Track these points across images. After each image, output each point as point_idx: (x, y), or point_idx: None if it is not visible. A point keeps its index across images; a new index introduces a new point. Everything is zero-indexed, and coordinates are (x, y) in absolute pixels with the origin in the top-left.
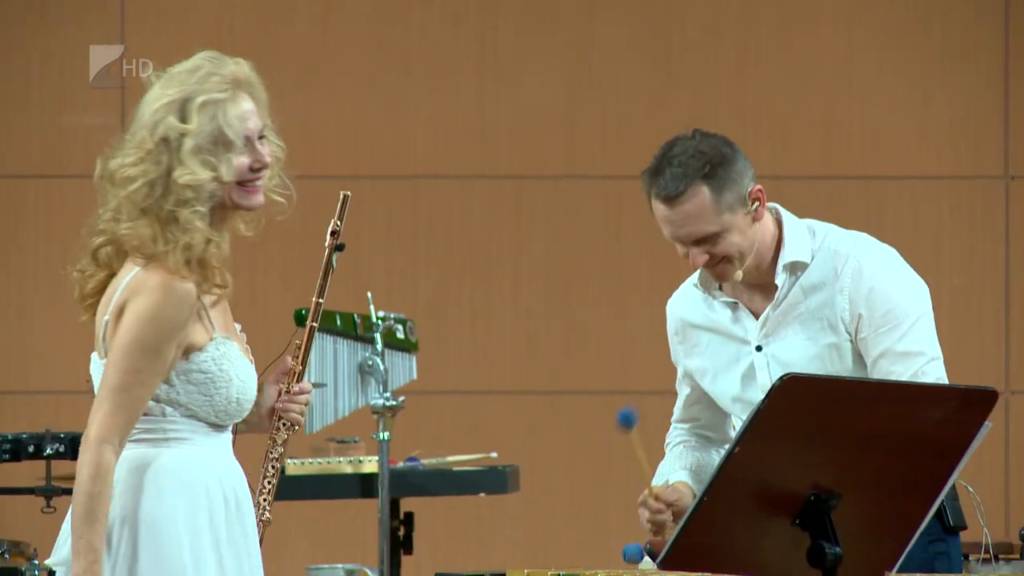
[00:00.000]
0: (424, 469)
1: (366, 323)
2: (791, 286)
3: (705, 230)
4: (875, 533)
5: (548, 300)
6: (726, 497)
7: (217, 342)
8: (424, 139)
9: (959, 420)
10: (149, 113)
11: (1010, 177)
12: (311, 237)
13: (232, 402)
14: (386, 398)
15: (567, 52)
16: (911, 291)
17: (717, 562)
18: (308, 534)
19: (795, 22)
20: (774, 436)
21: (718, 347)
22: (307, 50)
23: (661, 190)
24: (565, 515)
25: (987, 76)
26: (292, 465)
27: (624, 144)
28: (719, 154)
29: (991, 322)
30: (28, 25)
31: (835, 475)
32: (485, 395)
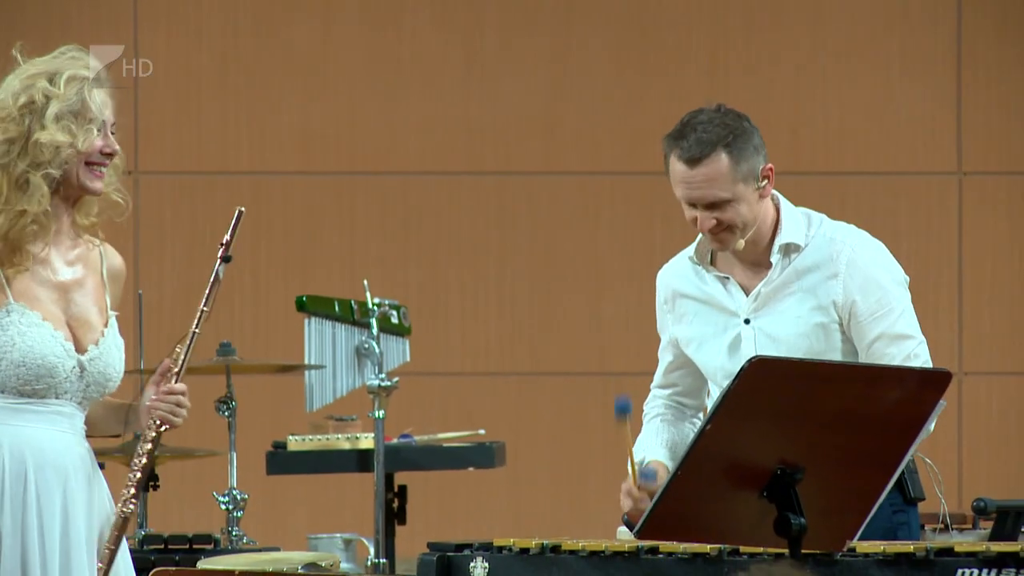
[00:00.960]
0: (416, 445)
1: (362, 309)
2: (785, 267)
3: (719, 195)
4: (837, 505)
5: (530, 288)
6: (699, 471)
7: (9, 308)
8: (414, 138)
9: (916, 399)
10: (17, 83)
11: (962, 173)
12: (311, 230)
13: (20, 366)
14: (381, 379)
15: (547, 57)
16: (899, 281)
17: (690, 531)
18: (308, 506)
19: (762, 28)
20: (743, 415)
21: (706, 317)
22: (307, 56)
23: (684, 152)
24: (548, 488)
25: (941, 79)
26: (293, 441)
27: (600, 143)
28: (740, 127)
29: (945, 309)
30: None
31: (800, 451)
32: (473, 376)
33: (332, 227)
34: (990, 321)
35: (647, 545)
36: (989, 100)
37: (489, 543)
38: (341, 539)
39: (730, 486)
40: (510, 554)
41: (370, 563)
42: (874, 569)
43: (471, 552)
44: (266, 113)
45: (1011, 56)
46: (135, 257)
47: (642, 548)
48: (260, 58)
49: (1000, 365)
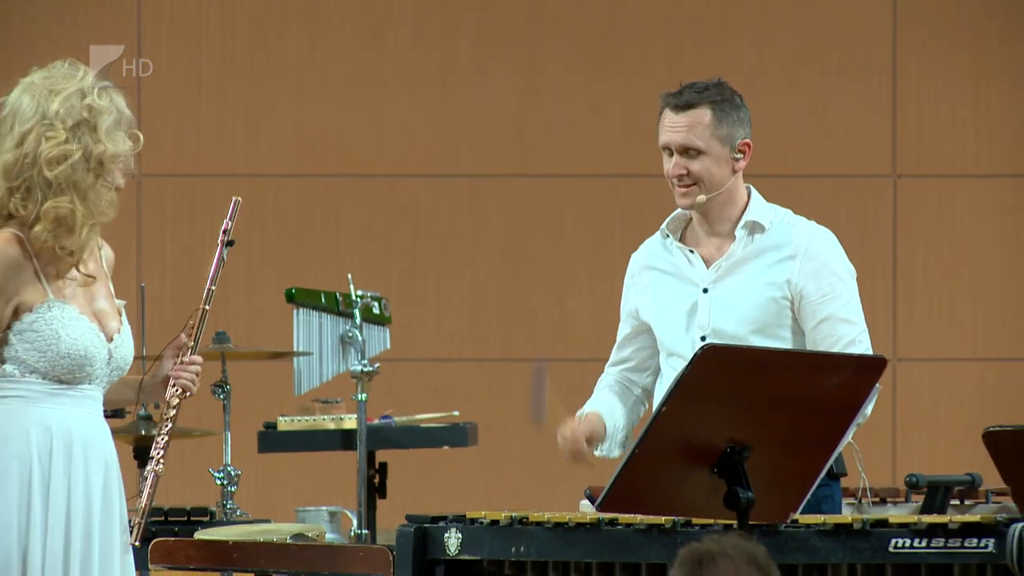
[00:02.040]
0: (396, 426)
1: (347, 300)
2: (747, 244)
3: (694, 142)
4: (782, 480)
5: (501, 281)
6: (655, 449)
7: (50, 304)
8: (396, 143)
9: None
10: (55, 105)
11: (897, 176)
12: (300, 227)
13: (65, 357)
14: (364, 365)
15: (517, 69)
16: (850, 272)
17: (647, 505)
18: (296, 481)
19: (714, 42)
20: (696, 397)
21: (669, 286)
22: (298, 67)
23: (674, 99)
24: (517, 465)
25: (877, 89)
26: (283, 422)
27: (568, 147)
28: (732, 98)
29: (881, 301)
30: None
31: (748, 430)
32: (448, 362)
33: (320, 225)
34: (921, 312)
35: (607, 517)
36: (921, 108)
37: (462, 516)
38: (327, 512)
39: (683, 463)
40: (481, 526)
41: (353, 534)
42: (815, 539)
43: (446, 524)
44: (260, 120)
45: (942, 67)
46: (138, 252)
47: (603, 520)
48: (255, 70)
49: (931, 352)
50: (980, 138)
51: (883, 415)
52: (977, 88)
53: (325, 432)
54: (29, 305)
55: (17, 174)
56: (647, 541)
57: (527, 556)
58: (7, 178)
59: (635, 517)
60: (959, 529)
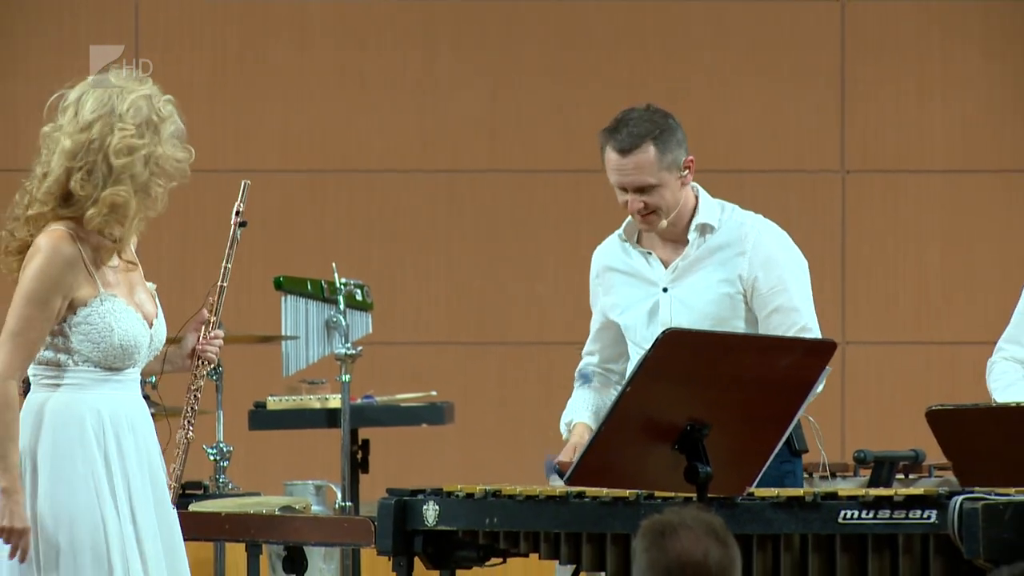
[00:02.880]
0: (377, 405)
1: (331, 288)
2: (700, 244)
3: (646, 180)
4: (738, 456)
5: (476, 270)
6: (620, 427)
7: (102, 298)
8: (376, 140)
9: (806, 365)
10: (126, 105)
11: (845, 171)
12: (288, 220)
13: (118, 347)
14: (347, 348)
15: (490, 71)
16: (797, 263)
17: (612, 479)
18: (285, 457)
19: (674, 48)
20: (658, 378)
21: (630, 287)
22: (285, 70)
23: (617, 143)
24: (491, 442)
25: (826, 91)
26: (272, 401)
27: (536, 145)
28: (666, 124)
29: (830, 288)
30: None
31: (706, 409)
32: (426, 345)
33: (306, 217)
34: (868, 299)
35: (575, 491)
36: (868, 108)
37: (439, 489)
38: (313, 485)
39: (646, 440)
40: (457, 498)
41: (338, 506)
42: (769, 511)
43: (424, 496)
44: (249, 120)
45: (886, 69)
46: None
47: (571, 493)
48: (244, 73)
49: (877, 336)
50: (923, 136)
51: (833, 395)
52: (920, 90)
53: (311, 411)
54: (83, 300)
55: (81, 156)
56: (612, 513)
57: (500, 527)
58: (69, 158)
59: (601, 490)
60: (904, 502)
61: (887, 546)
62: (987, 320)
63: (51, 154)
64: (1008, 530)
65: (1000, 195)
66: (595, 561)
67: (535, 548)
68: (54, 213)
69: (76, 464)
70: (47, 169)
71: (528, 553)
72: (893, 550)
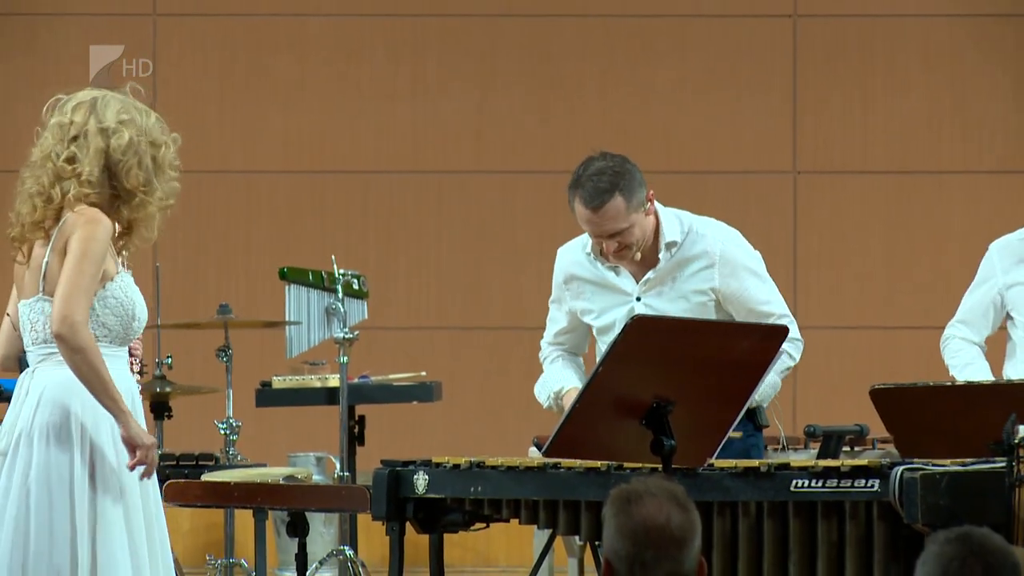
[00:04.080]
0: (373, 384)
1: (331, 278)
2: (667, 259)
3: (619, 227)
4: (699, 430)
5: (462, 261)
6: (593, 404)
7: (121, 273)
8: (371, 144)
9: (761, 348)
10: (151, 121)
11: (797, 172)
12: (291, 216)
13: (135, 320)
14: (345, 332)
15: (475, 81)
16: (756, 261)
17: (585, 451)
18: (288, 431)
19: (641, 60)
20: (628, 360)
21: (602, 294)
22: (287, 79)
23: (586, 201)
24: (475, 417)
25: (780, 99)
26: (277, 381)
27: (518, 148)
28: (625, 171)
29: (784, 279)
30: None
31: (671, 388)
32: (417, 330)
33: (307, 214)
34: (818, 288)
35: (552, 462)
36: (818, 115)
37: (429, 460)
38: (314, 457)
39: (616, 416)
40: (445, 469)
41: (336, 476)
42: (728, 480)
43: (415, 467)
44: (255, 125)
45: (834, 80)
46: None
47: (548, 464)
48: (250, 83)
49: (825, 322)
50: (867, 141)
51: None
52: (864, 98)
53: (312, 390)
54: (110, 274)
55: (128, 151)
56: (585, 482)
57: (484, 495)
58: (119, 152)
59: (575, 462)
60: (850, 472)
61: (835, 512)
62: (924, 307)
63: (67, 143)
64: (944, 497)
65: (936, 194)
66: (570, 526)
67: (516, 514)
68: (99, 196)
69: (72, 437)
70: (72, 155)
71: (509, 519)
72: (840, 516)
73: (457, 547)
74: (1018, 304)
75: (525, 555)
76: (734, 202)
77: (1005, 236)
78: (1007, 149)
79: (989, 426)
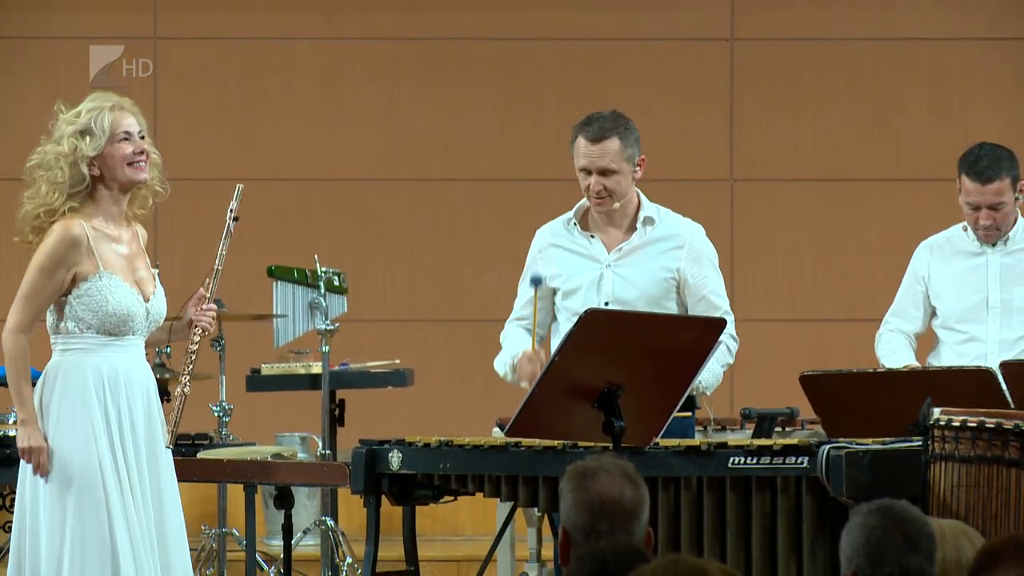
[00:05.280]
0: (352, 371)
1: (314, 275)
2: (642, 234)
3: (609, 166)
4: (646, 413)
5: (433, 260)
6: (550, 389)
7: (100, 275)
8: (351, 155)
9: (702, 338)
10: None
11: (734, 180)
12: (279, 219)
13: (112, 316)
14: (327, 324)
15: (446, 98)
16: (715, 260)
17: (543, 431)
18: (275, 413)
19: (594, 79)
20: (581, 349)
21: (573, 260)
22: (277, 96)
23: (589, 133)
24: (444, 401)
25: (719, 114)
26: (265, 368)
27: (483, 159)
28: (628, 125)
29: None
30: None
31: (621, 374)
32: (392, 322)
33: (293, 217)
34: (754, 284)
35: (513, 441)
36: (752, 127)
37: (402, 439)
38: (299, 437)
39: (571, 400)
40: (416, 447)
41: (319, 454)
42: (672, 458)
43: (389, 446)
44: (248, 138)
45: (767, 95)
46: (155, 240)
47: (509, 443)
48: (245, 101)
49: (760, 315)
50: (798, 150)
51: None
52: (795, 112)
53: (297, 376)
54: (84, 275)
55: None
56: (543, 459)
57: (451, 471)
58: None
59: (534, 441)
60: (781, 450)
61: (768, 487)
62: (849, 303)
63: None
64: (866, 472)
65: (859, 200)
66: (529, 499)
67: (480, 488)
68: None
69: (76, 414)
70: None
71: (475, 492)
72: (773, 490)
73: (428, 518)
74: (939, 296)
75: (489, 525)
76: (677, 206)
77: (933, 236)
78: (923, 159)
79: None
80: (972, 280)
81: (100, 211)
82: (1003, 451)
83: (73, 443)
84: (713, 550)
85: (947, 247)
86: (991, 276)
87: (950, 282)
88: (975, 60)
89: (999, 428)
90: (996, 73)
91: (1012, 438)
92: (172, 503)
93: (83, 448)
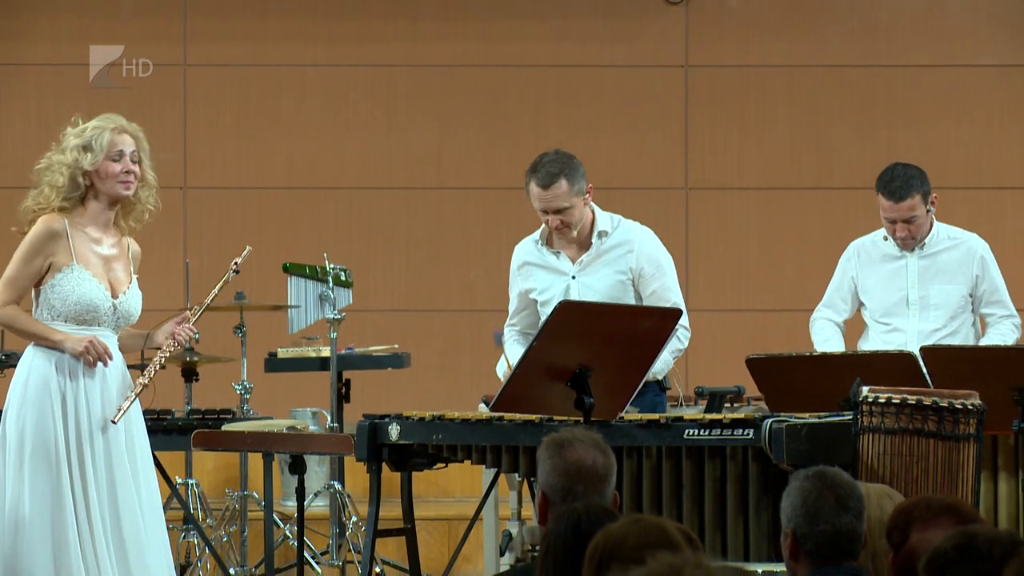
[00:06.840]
0: (356, 354)
1: (323, 271)
2: (599, 246)
3: (561, 205)
4: (612, 391)
5: (427, 258)
6: (529, 370)
7: (72, 267)
8: (355, 167)
9: (660, 326)
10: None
11: (688, 188)
12: (293, 222)
13: (76, 304)
14: (335, 314)
15: (437, 117)
16: (667, 257)
17: (523, 407)
18: (289, 391)
19: (568, 102)
20: (556, 335)
21: (545, 275)
22: (290, 118)
23: (539, 180)
24: (437, 381)
25: (674, 128)
26: (281, 352)
27: (471, 169)
28: (572, 163)
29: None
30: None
31: (590, 358)
32: (391, 312)
33: (305, 221)
34: (705, 279)
35: (496, 415)
36: (704, 141)
37: (400, 414)
38: (310, 412)
39: (548, 379)
40: (413, 421)
41: (328, 426)
42: (635, 430)
43: (389, 420)
44: (264, 152)
45: (717, 114)
46: (184, 238)
47: (494, 418)
48: (262, 121)
49: (711, 306)
50: (744, 162)
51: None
52: (742, 128)
53: (309, 359)
54: (59, 266)
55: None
56: (523, 431)
57: (443, 441)
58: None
59: (515, 415)
60: (730, 423)
61: (718, 455)
62: (788, 295)
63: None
64: (804, 443)
65: (797, 206)
66: (511, 465)
67: (468, 456)
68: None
69: (40, 394)
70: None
71: (463, 460)
72: (723, 458)
73: (422, 482)
74: (867, 292)
75: (476, 488)
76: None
77: (862, 237)
78: (853, 170)
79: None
80: (894, 280)
81: (88, 217)
82: (923, 424)
83: (31, 421)
84: (671, 511)
85: (873, 251)
86: (910, 277)
87: (875, 282)
88: (897, 84)
89: (919, 404)
90: (916, 96)
91: (931, 413)
92: (128, 479)
93: (40, 427)
